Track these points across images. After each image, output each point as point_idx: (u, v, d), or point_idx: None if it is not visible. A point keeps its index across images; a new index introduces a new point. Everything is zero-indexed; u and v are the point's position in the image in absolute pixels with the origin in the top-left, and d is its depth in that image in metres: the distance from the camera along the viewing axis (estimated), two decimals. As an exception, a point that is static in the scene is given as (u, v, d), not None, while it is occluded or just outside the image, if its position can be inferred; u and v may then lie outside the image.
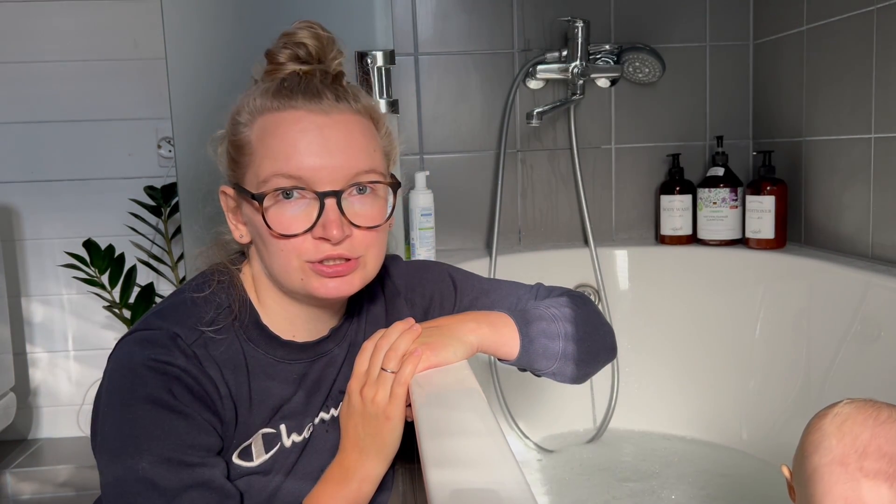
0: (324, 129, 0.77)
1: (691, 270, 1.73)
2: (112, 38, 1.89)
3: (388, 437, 0.80)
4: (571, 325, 0.90)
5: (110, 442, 0.73)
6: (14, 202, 1.93)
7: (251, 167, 0.79)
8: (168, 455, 0.72)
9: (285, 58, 0.81)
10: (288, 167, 0.76)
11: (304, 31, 0.81)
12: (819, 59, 1.59)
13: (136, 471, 0.71)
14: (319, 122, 0.77)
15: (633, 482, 1.50)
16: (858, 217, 1.50)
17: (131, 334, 0.78)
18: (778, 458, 1.50)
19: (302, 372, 0.85)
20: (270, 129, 0.78)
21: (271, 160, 0.76)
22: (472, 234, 1.85)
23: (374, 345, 0.82)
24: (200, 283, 0.83)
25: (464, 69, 1.80)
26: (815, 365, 1.43)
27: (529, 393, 1.71)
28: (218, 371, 0.78)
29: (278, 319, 0.84)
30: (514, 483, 0.56)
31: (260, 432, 0.82)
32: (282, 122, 0.77)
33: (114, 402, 0.74)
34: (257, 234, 0.80)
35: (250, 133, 0.79)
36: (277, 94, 0.78)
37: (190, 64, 1.31)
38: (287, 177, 0.76)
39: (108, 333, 1.96)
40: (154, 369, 0.74)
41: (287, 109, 0.78)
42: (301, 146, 0.76)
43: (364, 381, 0.81)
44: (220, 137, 0.86)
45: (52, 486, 1.81)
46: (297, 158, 0.76)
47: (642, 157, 1.87)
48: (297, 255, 0.77)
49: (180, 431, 0.73)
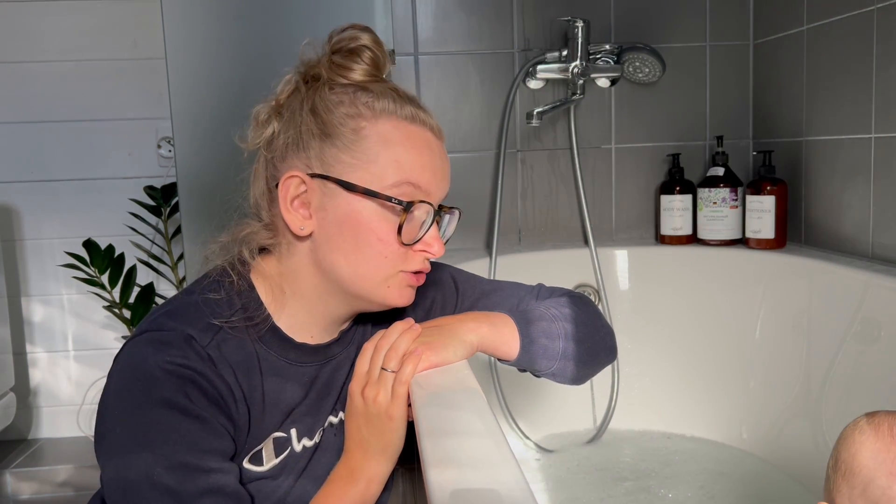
0: (442, 154, 0.84)
1: (691, 270, 1.73)
2: (112, 38, 1.89)
3: (391, 437, 0.80)
4: (572, 325, 0.90)
5: (121, 445, 0.71)
6: (14, 202, 1.93)
7: (367, 166, 0.78)
8: (184, 460, 0.70)
9: (367, 61, 0.81)
10: (420, 179, 0.79)
11: (369, 36, 0.82)
12: (819, 59, 1.59)
13: (151, 476, 0.69)
14: (439, 145, 0.83)
15: (631, 481, 1.50)
16: (858, 217, 1.50)
17: (141, 334, 0.75)
18: (778, 458, 1.50)
19: (312, 375, 0.84)
20: (400, 138, 0.79)
21: (400, 167, 0.78)
22: (472, 234, 1.85)
23: (374, 346, 0.82)
24: (211, 283, 0.81)
25: (464, 69, 1.80)
26: (815, 365, 1.43)
27: (529, 393, 1.71)
28: (232, 373, 0.77)
29: (295, 321, 0.83)
30: (515, 483, 0.56)
31: (271, 436, 0.81)
32: (415, 136, 0.80)
33: (125, 405, 0.72)
34: (349, 231, 0.78)
35: (370, 131, 0.78)
36: (405, 103, 0.80)
37: (190, 64, 1.31)
38: (417, 188, 0.79)
39: (108, 333, 1.96)
40: (169, 371, 0.72)
41: (419, 124, 0.81)
42: (428, 163, 0.81)
43: (365, 382, 0.80)
44: (271, 112, 0.81)
45: (52, 486, 1.81)
46: (427, 174, 0.80)
47: (642, 156, 1.87)
48: (399, 263, 0.80)
49: (196, 436, 0.72)
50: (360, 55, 0.81)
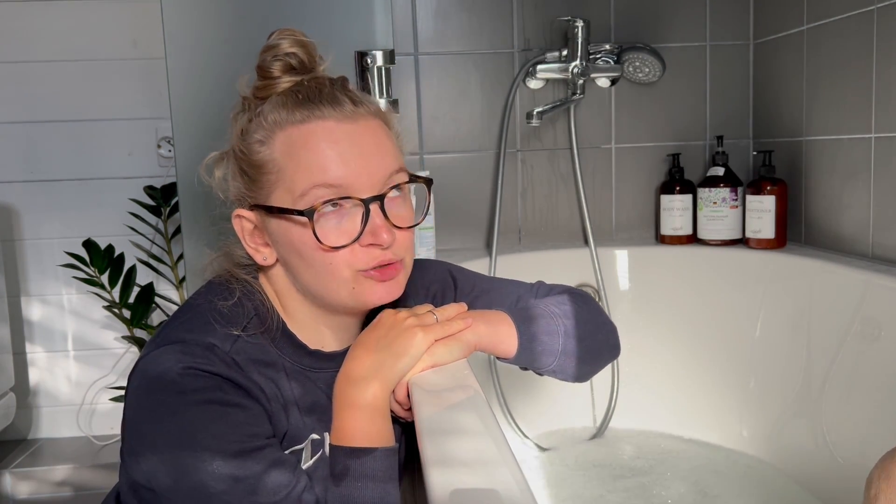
0: (354, 136, 0.77)
1: (691, 270, 1.73)
2: (112, 38, 1.89)
3: (400, 347, 0.78)
4: (572, 322, 0.90)
5: (169, 455, 0.69)
6: (14, 202, 1.92)
7: (280, 184, 0.77)
8: (237, 448, 0.69)
9: (279, 70, 0.80)
10: (327, 177, 0.75)
11: (288, 41, 0.80)
12: (819, 59, 1.59)
13: (212, 473, 0.68)
14: (349, 129, 0.77)
15: (630, 479, 1.50)
16: (858, 217, 1.50)
17: (158, 348, 0.73)
18: (778, 458, 1.50)
19: (330, 381, 0.83)
20: (298, 142, 0.76)
21: (306, 173, 0.75)
22: (472, 234, 1.85)
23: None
24: (222, 291, 0.81)
25: (464, 69, 1.80)
26: (815, 365, 1.43)
27: (530, 392, 1.71)
28: (260, 375, 0.76)
29: (306, 330, 0.83)
30: (515, 483, 0.56)
31: (310, 438, 0.81)
32: (311, 134, 0.76)
33: (159, 416, 0.70)
34: (293, 252, 0.78)
35: (272, 150, 0.77)
36: (298, 106, 0.77)
37: (190, 64, 1.31)
38: (327, 187, 0.75)
39: (108, 333, 1.96)
40: (197, 375, 0.71)
41: (314, 120, 0.77)
42: (335, 155, 0.76)
43: (402, 310, 0.83)
44: (215, 160, 0.83)
45: (52, 486, 1.81)
46: (335, 168, 0.75)
47: (642, 156, 1.87)
48: (348, 266, 0.77)
49: (240, 421, 0.71)
50: (269, 70, 0.80)
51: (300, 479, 0.72)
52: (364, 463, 0.72)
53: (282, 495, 0.70)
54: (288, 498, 0.70)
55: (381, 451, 0.73)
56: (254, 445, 0.71)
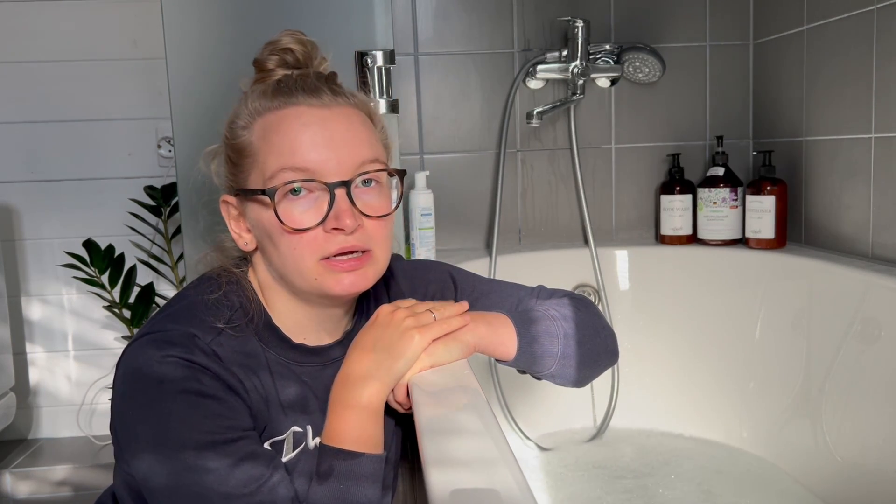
0: (327, 122, 0.78)
1: (691, 270, 1.73)
2: (112, 38, 1.89)
3: (397, 350, 0.78)
4: (572, 326, 0.90)
5: (146, 443, 0.71)
6: (14, 202, 1.92)
7: (255, 167, 0.79)
8: (210, 438, 0.70)
9: (274, 64, 0.82)
10: (294, 160, 0.76)
11: (288, 38, 0.83)
12: (819, 59, 1.59)
13: (185, 462, 0.69)
14: (321, 115, 0.78)
15: (631, 479, 1.50)
16: (858, 217, 1.50)
17: (142, 337, 0.75)
18: (778, 458, 1.50)
19: (315, 375, 0.84)
20: (273, 126, 0.78)
21: (276, 156, 0.77)
22: (472, 234, 1.85)
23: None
24: (210, 284, 0.82)
25: (464, 69, 1.80)
26: (815, 365, 1.43)
27: (530, 393, 1.71)
28: (239, 368, 0.77)
29: (288, 323, 0.84)
30: (515, 483, 0.56)
31: (291, 430, 0.81)
32: (284, 119, 0.78)
33: (139, 404, 0.72)
34: (266, 236, 0.79)
35: (251, 135, 0.79)
36: (276, 94, 0.79)
37: (190, 64, 1.31)
38: (294, 170, 0.76)
39: (108, 333, 1.96)
40: (176, 365, 0.72)
41: (288, 106, 0.78)
42: (306, 139, 0.76)
43: (400, 307, 0.82)
44: (213, 151, 0.86)
45: (52, 486, 1.81)
46: (302, 151, 0.76)
47: (642, 156, 1.87)
48: (311, 252, 0.77)
49: (215, 413, 0.72)
50: (264, 64, 0.83)
51: (274, 473, 0.72)
52: (349, 466, 0.73)
53: (252, 488, 0.70)
54: (259, 492, 0.70)
55: (368, 457, 0.74)
56: (227, 437, 0.71)
